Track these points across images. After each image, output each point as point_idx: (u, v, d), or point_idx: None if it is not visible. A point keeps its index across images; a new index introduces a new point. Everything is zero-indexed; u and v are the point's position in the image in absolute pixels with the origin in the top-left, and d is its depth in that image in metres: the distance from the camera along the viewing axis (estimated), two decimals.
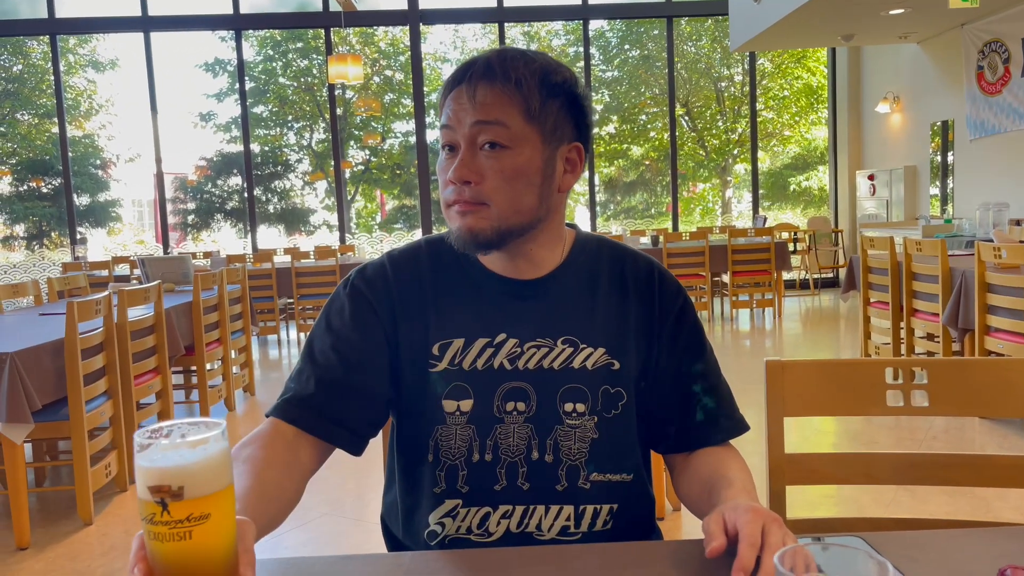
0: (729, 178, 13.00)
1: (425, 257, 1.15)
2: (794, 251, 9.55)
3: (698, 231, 8.05)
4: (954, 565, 0.83)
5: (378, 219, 13.41)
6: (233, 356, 4.95)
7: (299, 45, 12.29)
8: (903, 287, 4.51)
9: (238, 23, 9.54)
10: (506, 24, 9.85)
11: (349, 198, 12.39)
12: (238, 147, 11.44)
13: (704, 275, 7.50)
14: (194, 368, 4.50)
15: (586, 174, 10.07)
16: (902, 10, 6.86)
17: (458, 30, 11.79)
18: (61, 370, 3.00)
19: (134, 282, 6.55)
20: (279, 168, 12.40)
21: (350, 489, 3.34)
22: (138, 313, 3.75)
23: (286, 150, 12.56)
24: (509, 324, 1.10)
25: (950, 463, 1.25)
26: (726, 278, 7.89)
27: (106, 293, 3.36)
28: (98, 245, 11.56)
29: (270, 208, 12.27)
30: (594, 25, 11.92)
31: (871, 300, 4.94)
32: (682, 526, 2.86)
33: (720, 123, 12.83)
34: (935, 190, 8.29)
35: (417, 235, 10.84)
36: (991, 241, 4.64)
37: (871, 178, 9.35)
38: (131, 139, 12.16)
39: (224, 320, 4.72)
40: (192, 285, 4.51)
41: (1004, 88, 6.94)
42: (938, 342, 4.32)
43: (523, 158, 1.03)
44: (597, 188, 10.69)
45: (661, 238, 7.67)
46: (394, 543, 1.19)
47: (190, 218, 12.38)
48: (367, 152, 12.83)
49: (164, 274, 5.12)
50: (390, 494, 1.20)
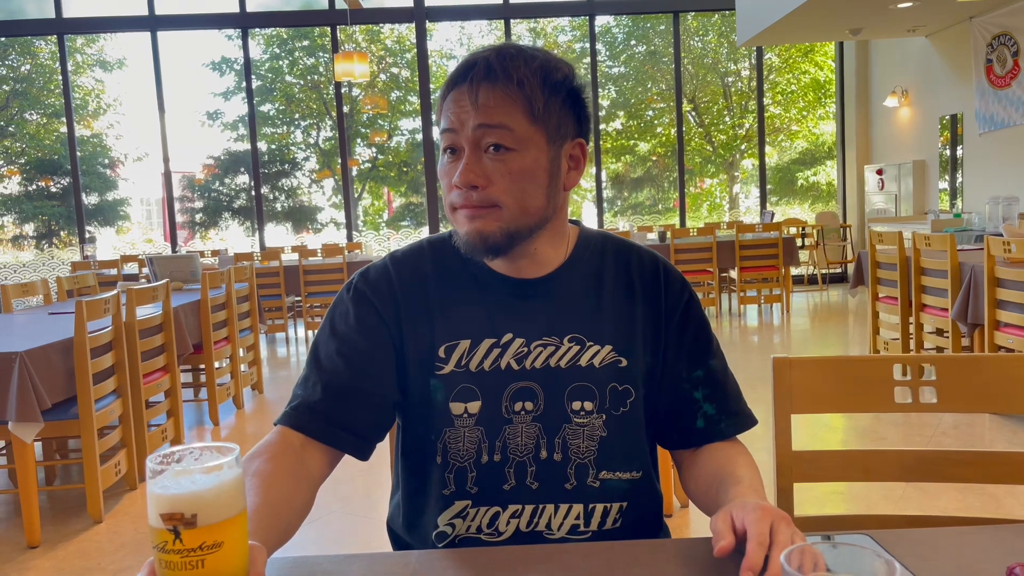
0: (736, 173, 12.96)
1: (428, 258, 1.13)
2: (802, 246, 9.53)
3: (705, 227, 8.03)
4: (963, 562, 0.83)
5: (385, 217, 13.42)
6: (241, 354, 4.97)
7: (305, 43, 12.31)
8: (912, 282, 4.50)
9: (244, 21, 9.56)
10: (512, 20, 9.84)
11: (356, 196, 12.41)
12: (245, 145, 11.47)
13: (712, 271, 7.49)
14: (202, 366, 4.51)
15: (593, 170, 10.08)
16: (910, 3, 6.82)
17: (464, 27, 11.80)
18: (70, 369, 3.02)
19: (143, 281, 6.58)
20: (286, 166, 12.43)
21: (358, 487, 3.35)
22: (147, 312, 3.77)
23: (293, 148, 12.59)
24: (515, 324, 1.08)
25: (960, 459, 1.24)
26: (734, 274, 7.87)
27: (115, 292, 3.37)
28: (107, 244, 11.62)
29: (277, 206, 12.30)
30: (600, 21, 11.89)
31: (880, 295, 4.92)
32: (690, 523, 2.85)
33: (727, 118, 12.79)
34: (944, 184, 8.25)
35: (424, 232, 10.85)
36: (1000, 235, 4.62)
37: (879, 173, 9.31)
38: (139, 138, 12.21)
39: (232, 318, 4.74)
40: (200, 283, 4.53)
41: (1013, 81, 6.90)
42: (947, 337, 4.30)
43: (529, 159, 1.01)
44: (604, 184, 10.67)
45: (668, 234, 7.65)
46: (400, 546, 1.17)
47: (198, 216, 12.42)
48: (374, 150, 12.84)
49: (172, 273, 5.14)
50: (395, 497, 1.19)
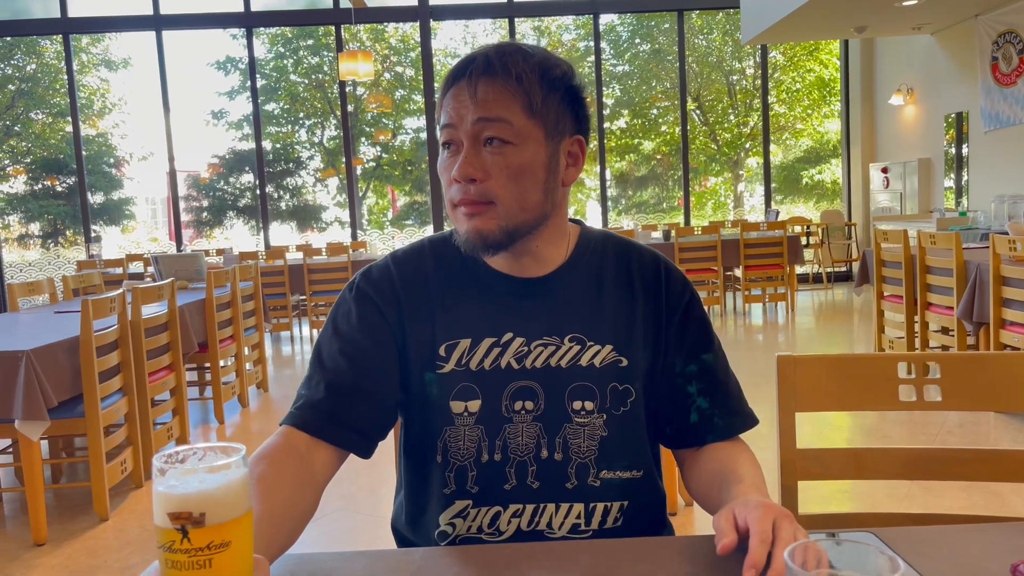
0: (741, 172, 12.94)
1: (429, 257, 1.14)
2: (807, 245, 9.51)
3: (710, 225, 8.02)
4: (967, 560, 0.83)
5: (390, 215, 13.43)
6: (246, 353, 4.98)
7: (310, 42, 12.33)
8: (917, 281, 4.49)
9: (249, 21, 9.57)
10: (516, 19, 9.83)
11: (360, 195, 12.42)
12: (250, 145, 11.48)
13: (716, 269, 7.48)
14: (208, 365, 4.52)
15: (597, 169, 10.07)
16: (915, 1, 6.80)
17: (468, 26, 11.79)
18: (76, 367, 3.03)
19: (148, 280, 6.59)
20: (291, 165, 12.45)
21: (363, 485, 3.36)
22: (152, 310, 3.78)
23: (298, 147, 12.60)
24: (515, 323, 1.09)
25: (964, 458, 1.24)
26: (738, 272, 7.86)
27: (120, 291, 3.38)
28: (112, 243, 11.65)
29: (282, 205, 12.32)
30: (604, 19, 11.88)
31: (885, 294, 4.91)
32: (694, 521, 2.85)
33: (732, 117, 12.77)
34: (949, 182, 8.23)
35: (429, 231, 10.85)
36: (1006, 234, 4.60)
37: (885, 171, 9.29)
38: (144, 137, 12.24)
39: (237, 317, 4.75)
40: (205, 282, 4.54)
41: (1019, 79, 6.87)
42: (953, 336, 4.29)
43: (528, 154, 1.02)
44: (608, 183, 10.66)
45: (673, 232, 7.64)
46: (405, 545, 1.17)
47: (203, 215, 12.45)
48: (378, 148, 12.85)
49: (177, 271, 5.15)
50: (399, 496, 1.19)
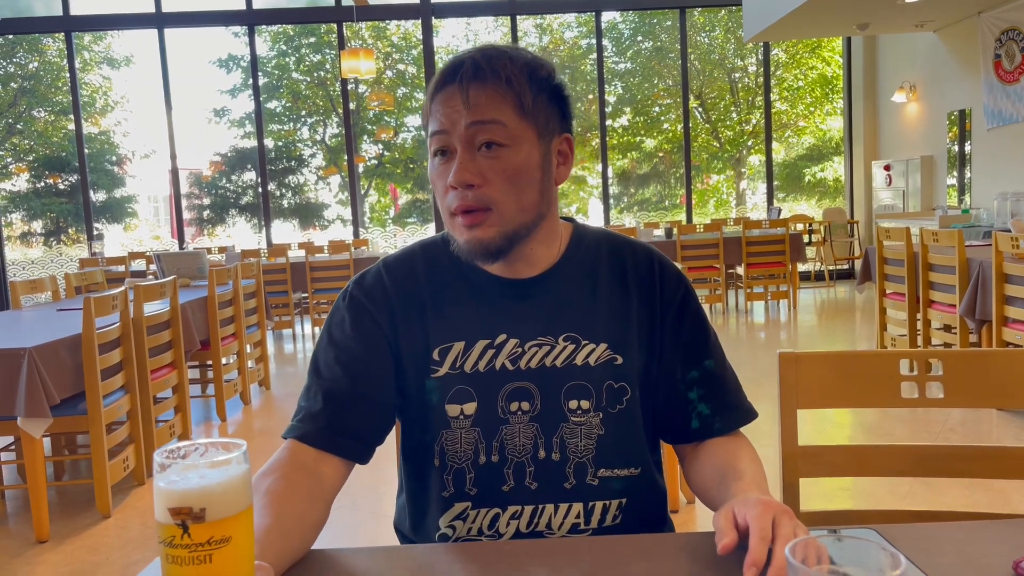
0: (743, 169, 12.93)
1: (421, 262, 1.14)
2: (809, 243, 9.50)
3: (712, 223, 8.00)
4: (968, 557, 0.83)
5: (391, 213, 13.44)
6: (248, 350, 4.98)
7: (312, 40, 12.33)
8: (919, 278, 4.48)
9: (251, 18, 9.57)
10: (518, 17, 9.82)
11: (363, 192, 12.42)
12: (252, 142, 11.50)
13: (718, 267, 7.48)
14: (210, 363, 4.53)
15: (599, 166, 10.07)
16: None
17: (470, 23, 11.78)
18: (79, 365, 3.03)
19: (150, 277, 6.60)
20: (293, 163, 12.45)
21: (364, 482, 3.36)
22: (154, 308, 3.78)
23: (300, 145, 12.61)
24: (509, 324, 1.09)
25: (966, 455, 1.24)
26: (740, 270, 7.85)
27: (122, 288, 3.38)
28: (114, 241, 11.67)
29: (284, 203, 12.33)
30: (606, 17, 11.88)
31: (887, 291, 4.90)
32: (696, 519, 2.85)
33: (734, 114, 12.76)
34: (952, 180, 8.21)
35: (430, 229, 10.86)
36: (1009, 231, 4.59)
37: (887, 168, 9.27)
38: (146, 135, 12.26)
39: (239, 315, 4.75)
40: (207, 280, 4.54)
41: (1022, 76, 6.86)
42: (955, 333, 4.28)
43: (522, 155, 1.03)
44: (610, 180, 10.65)
45: (675, 230, 7.64)
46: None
47: (205, 213, 12.46)
48: (380, 146, 12.85)
49: (179, 269, 5.15)
50: (400, 499, 1.20)
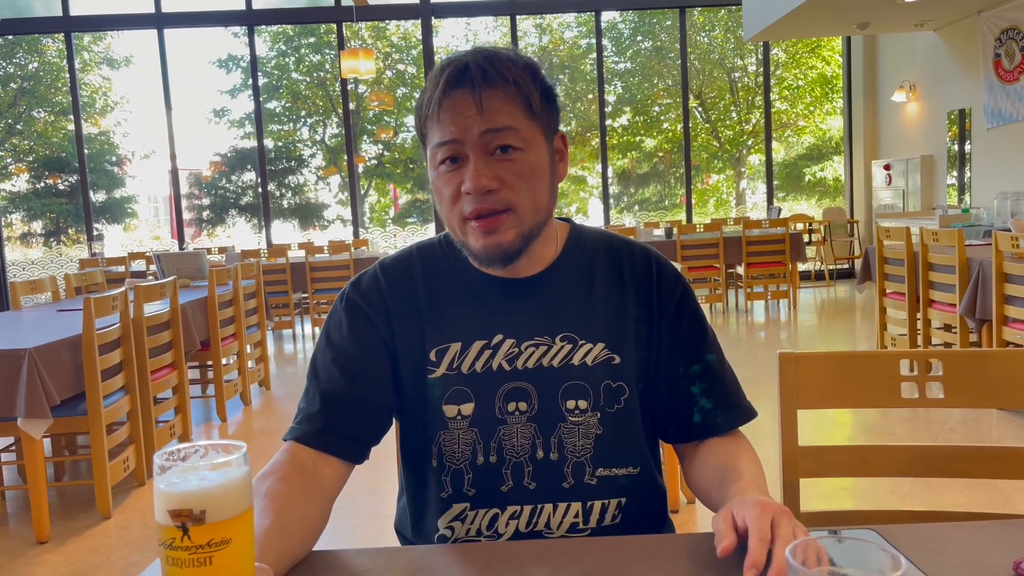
0: (743, 169, 12.93)
1: (417, 263, 1.14)
2: (809, 242, 9.50)
3: (712, 223, 8.00)
4: (969, 557, 0.83)
5: (391, 213, 13.44)
6: (248, 351, 4.98)
7: (311, 40, 12.33)
8: (919, 278, 4.48)
9: (251, 19, 9.57)
10: (518, 17, 9.82)
11: (362, 192, 12.42)
12: (252, 143, 11.50)
13: (718, 267, 7.48)
14: (210, 363, 4.53)
15: (598, 166, 10.07)
16: None
17: (470, 23, 11.79)
18: (79, 366, 3.03)
19: (150, 278, 6.60)
20: (293, 163, 12.45)
21: (364, 483, 3.36)
22: (154, 309, 3.78)
23: (299, 145, 12.61)
24: (505, 324, 1.09)
25: (967, 455, 1.24)
26: (740, 270, 7.85)
27: (122, 289, 3.38)
28: (114, 241, 11.67)
29: (284, 203, 12.33)
30: (606, 16, 11.88)
31: (887, 291, 4.90)
32: (696, 519, 2.85)
33: (734, 114, 12.76)
34: (952, 179, 8.21)
35: (430, 229, 10.86)
36: (1009, 231, 4.59)
37: (887, 168, 9.27)
38: (146, 136, 12.26)
39: (239, 315, 4.75)
40: (207, 280, 4.54)
41: (1022, 76, 6.86)
42: (955, 333, 4.28)
43: (535, 156, 1.03)
44: (610, 180, 10.65)
45: (675, 230, 7.64)
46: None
47: (205, 214, 12.46)
48: (380, 146, 12.86)
49: (179, 270, 5.15)
50: (401, 501, 1.20)
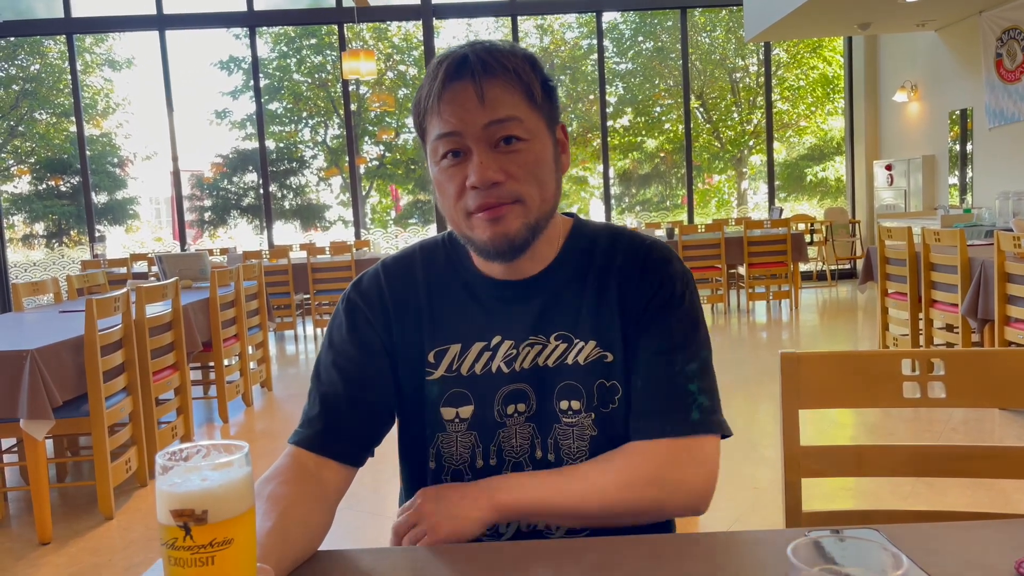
0: (745, 169, 12.92)
1: (419, 263, 1.13)
2: (811, 242, 9.50)
3: (714, 223, 8.00)
4: (970, 557, 0.83)
5: (393, 214, 13.44)
6: (250, 352, 4.99)
7: (313, 41, 12.33)
8: (921, 278, 4.48)
9: (252, 20, 9.58)
10: (519, 17, 9.82)
11: (364, 193, 12.42)
12: (253, 144, 11.50)
13: (720, 267, 7.47)
14: (212, 364, 4.53)
15: (600, 167, 10.06)
16: None
17: (471, 24, 11.78)
18: (81, 367, 3.04)
19: (152, 279, 6.61)
20: (294, 164, 12.45)
21: (367, 483, 3.36)
22: (156, 310, 3.78)
23: (301, 146, 12.61)
24: (504, 325, 1.07)
25: (968, 455, 1.24)
26: (742, 270, 7.85)
27: (124, 290, 3.39)
28: (116, 243, 11.67)
29: (286, 204, 12.33)
30: (607, 17, 11.86)
31: (889, 291, 4.90)
32: (700, 519, 2.84)
33: (735, 114, 12.75)
34: (954, 179, 8.21)
35: (431, 230, 10.86)
36: (1011, 230, 4.59)
37: (889, 168, 9.26)
38: (148, 137, 12.25)
39: (241, 316, 4.75)
40: (209, 282, 4.54)
41: (1023, 76, 6.86)
42: (957, 333, 4.28)
43: (539, 147, 1.02)
44: (612, 181, 10.65)
45: (676, 230, 7.63)
46: None
47: (207, 215, 12.46)
48: (381, 147, 12.85)
49: (181, 271, 5.16)
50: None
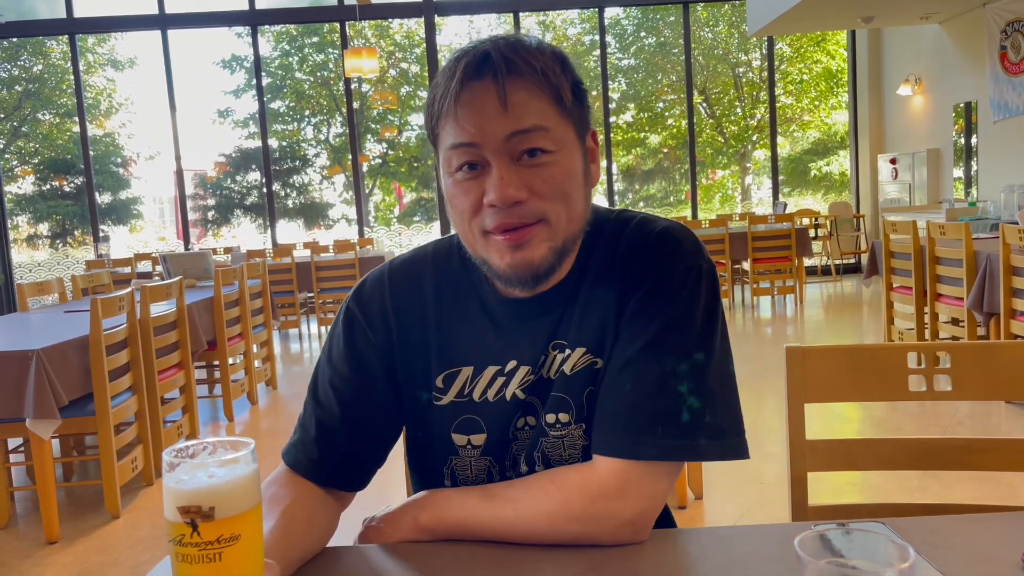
0: (748, 164, 12.90)
1: (429, 272, 1.01)
2: (815, 237, 9.47)
3: (718, 218, 8.00)
4: (977, 549, 0.83)
5: (396, 212, 13.45)
6: (255, 350, 5.00)
7: (315, 39, 12.34)
8: (927, 271, 4.46)
9: (254, 19, 9.59)
10: (521, 14, 9.81)
11: (367, 191, 12.43)
12: (256, 143, 11.51)
13: (724, 262, 7.47)
14: (217, 363, 4.54)
15: (604, 163, 10.05)
16: None
17: (473, 21, 11.77)
18: (86, 366, 3.04)
19: (156, 278, 6.62)
20: (297, 163, 12.47)
21: (372, 483, 3.36)
22: (161, 309, 3.79)
23: (304, 145, 12.63)
24: (520, 348, 0.96)
25: (975, 448, 1.23)
26: (747, 265, 7.84)
27: (129, 290, 3.39)
28: (120, 242, 11.70)
29: (289, 203, 12.35)
30: (610, 13, 11.85)
31: (894, 285, 4.89)
32: (704, 514, 2.85)
33: (738, 109, 12.73)
34: (959, 173, 8.18)
35: (435, 228, 10.86)
36: (1016, 224, 4.57)
37: (893, 162, 9.24)
38: (151, 137, 12.28)
39: (245, 315, 4.76)
40: (213, 281, 4.55)
41: None
42: (963, 327, 4.26)
43: (567, 159, 0.88)
44: (615, 177, 10.64)
45: None
46: None
47: (210, 214, 12.49)
48: (384, 145, 12.87)
49: (185, 270, 5.16)
50: None
